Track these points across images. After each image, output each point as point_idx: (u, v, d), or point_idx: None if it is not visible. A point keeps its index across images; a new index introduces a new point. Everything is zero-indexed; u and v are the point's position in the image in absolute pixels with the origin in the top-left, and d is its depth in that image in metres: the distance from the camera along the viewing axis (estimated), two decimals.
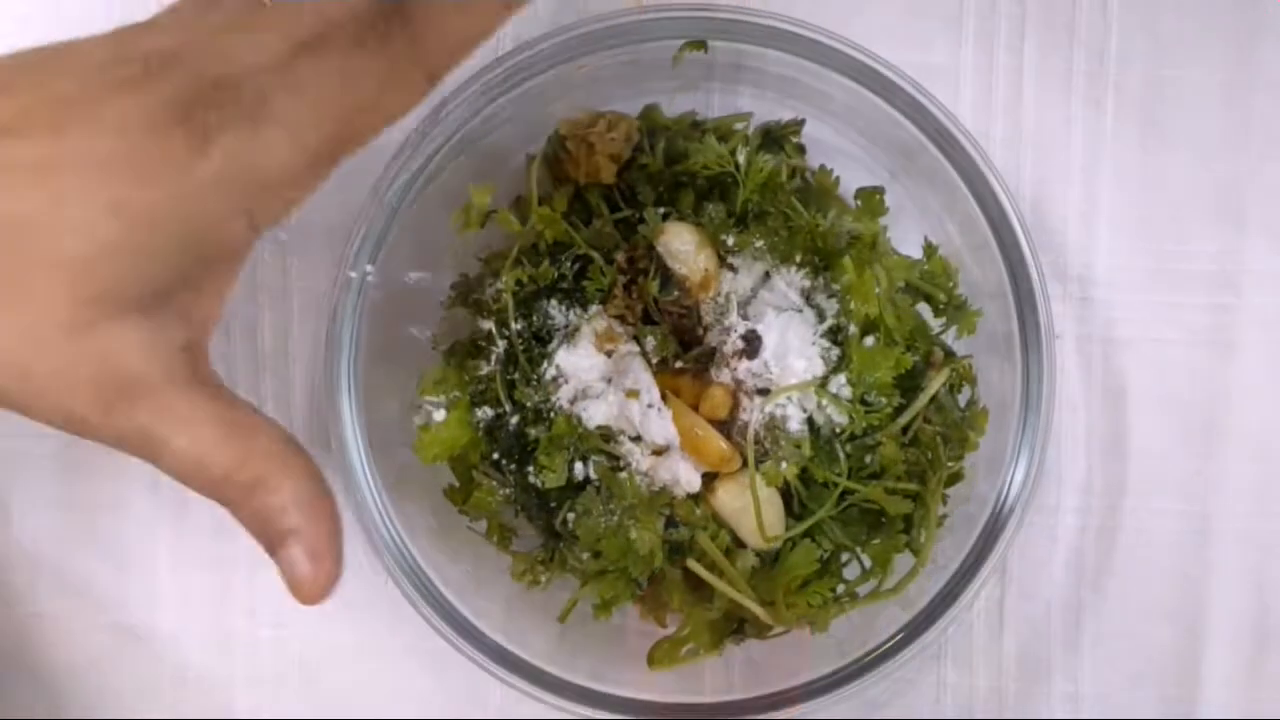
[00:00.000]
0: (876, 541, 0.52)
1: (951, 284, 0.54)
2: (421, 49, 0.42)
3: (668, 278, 0.52)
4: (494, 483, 0.54)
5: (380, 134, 0.43)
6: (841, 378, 0.50)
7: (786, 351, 0.50)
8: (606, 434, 0.51)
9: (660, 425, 0.50)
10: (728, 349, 0.51)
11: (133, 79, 0.39)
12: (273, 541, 0.42)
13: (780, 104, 0.56)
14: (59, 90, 0.39)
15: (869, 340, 0.51)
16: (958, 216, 0.53)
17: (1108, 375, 0.59)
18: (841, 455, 0.50)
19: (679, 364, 0.52)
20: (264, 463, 0.42)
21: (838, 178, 0.55)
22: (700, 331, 0.52)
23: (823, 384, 0.50)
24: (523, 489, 0.53)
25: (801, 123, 0.56)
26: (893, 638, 0.52)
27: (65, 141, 0.38)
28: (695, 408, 0.51)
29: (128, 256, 0.39)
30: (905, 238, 0.56)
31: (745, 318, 0.51)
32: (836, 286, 0.51)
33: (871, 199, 0.55)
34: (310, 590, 0.42)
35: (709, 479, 0.51)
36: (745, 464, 0.50)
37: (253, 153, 0.39)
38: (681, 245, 0.51)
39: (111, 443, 0.41)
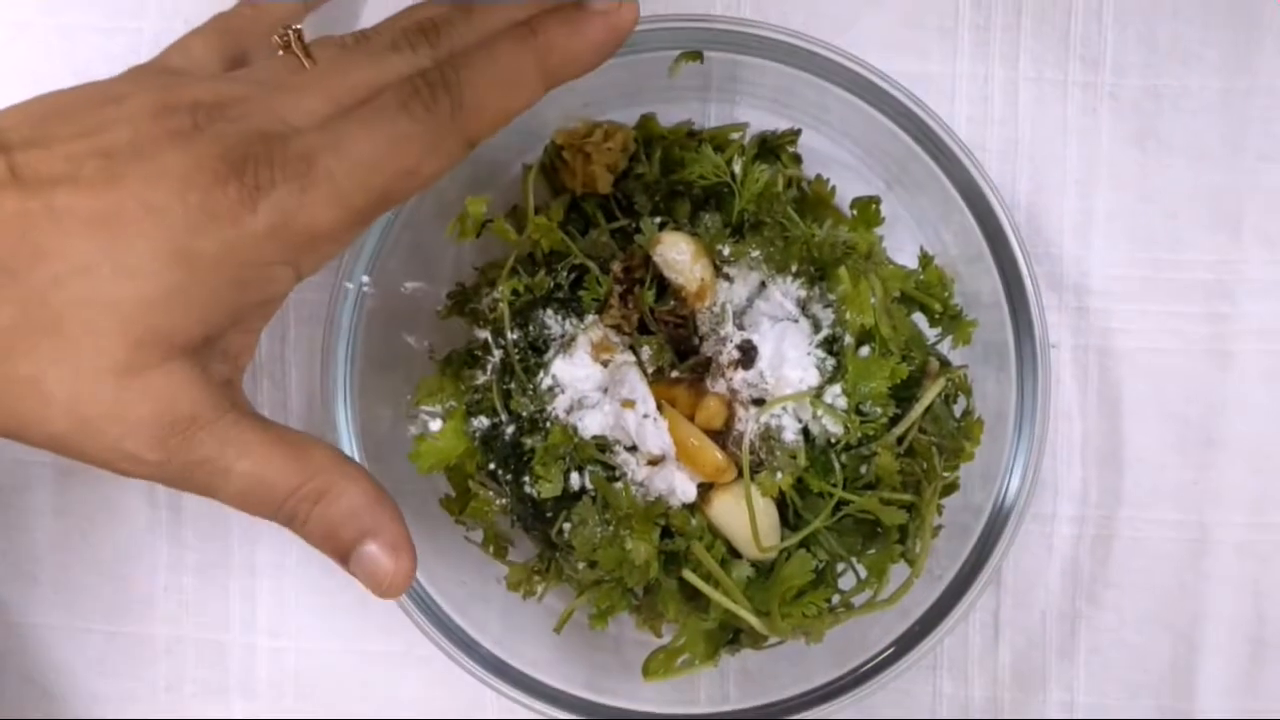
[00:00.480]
0: (872, 552, 0.52)
1: (947, 294, 0.54)
2: (463, 117, 0.43)
3: (664, 287, 0.52)
4: (490, 493, 0.54)
5: (416, 195, 0.45)
6: (837, 388, 0.50)
7: (782, 362, 0.50)
8: (602, 444, 0.51)
9: (656, 435, 0.50)
10: (723, 359, 0.51)
11: (183, 131, 0.41)
12: (345, 549, 0.44)
13: (776, 114, 0.56)
14: (110, 140, 0.40)
15: (864, 350, 0.51)
16: (953, 227, 0.53)
17: (1103, 385, 0.59)
18: (837, 465, 0.50)
19: (675, 374, 0.52)
20: (325, 475, 0.44)
21: (834, 187, 0.56)
22: (696, 341, 0.52)
23: (818, 394, 0.50)
24: (518, 499, 0.53)
25: (797, 133, 0.56)
26: (888, 648, 0.52)
27: (123, 191, 0.39)
28: (691, 418, 0.51)
29: (184, 303, 0.40)
30: (901, 248, 0.56)
31: (741, 328, 0.51)
32: (832, 297, 0.51)
33: (867, 209, 0.55)
34: (393, 583, 0.44)
35: (704, 489, 0.51)
36: (740, 474, 0.50)
37: (300, 210, 0.41)
38: (677, 255, 0.51)
39: (171, 480, 0.42)
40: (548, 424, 0.51)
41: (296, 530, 0.44)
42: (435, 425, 0.54)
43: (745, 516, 0.49)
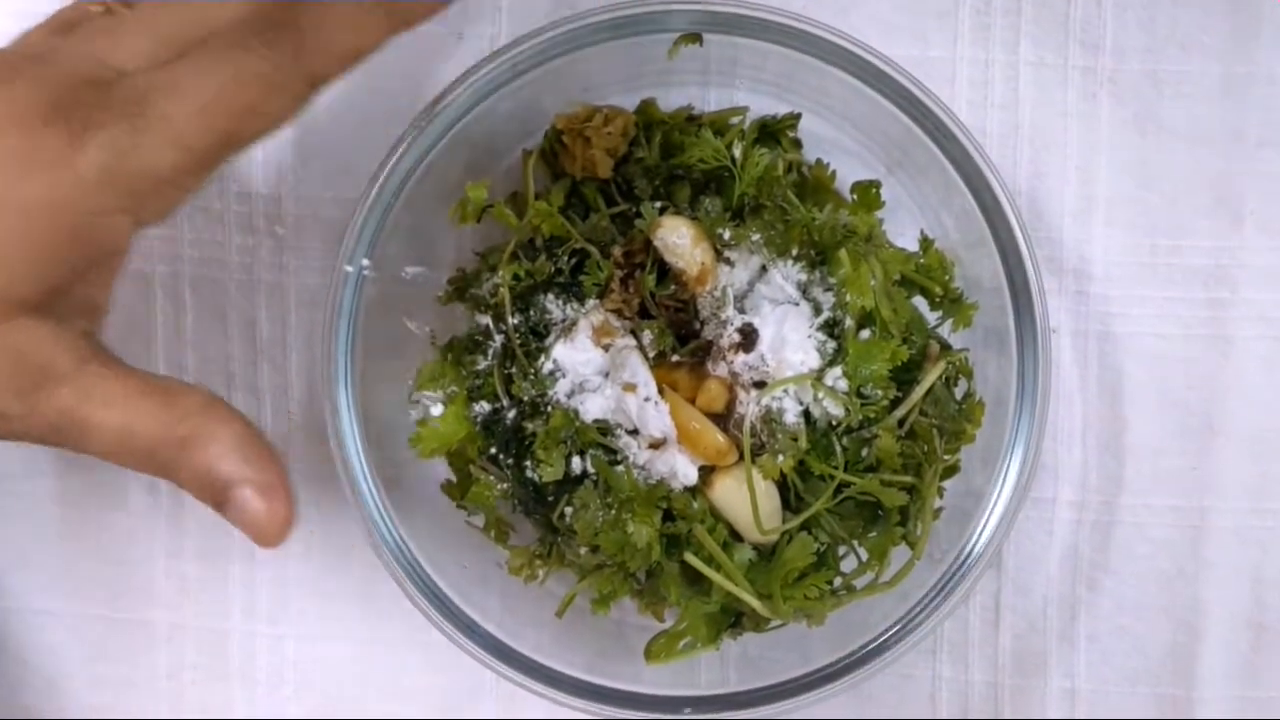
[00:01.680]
0: (873, 534, 0.52)
1: (948, 278, 0.54)
2: (306, 56, 0.42)
3: (664, 271, 0.52)
4: (491, 478, 0.54)
5: (263, 139, 0.43)
6: (838, 370, 0.50)
7: (783, 345, 0.50)
8: (604, 428, 0.51)
9: (657, 419, 0.50)
10: (724, 342, 0.51)
11: None
12: (219, 494, 0.43)
13: (777, 98, 0.56)
14: None
15: (865, 333, 0.51)
16: (954, 211, 0.53)
17: (1104, 370, 0.59)
18: (838, 448, 0.50)
19: (676, 358, 0.52)
20: (192, 420, 0.42)
21: (834, 171, 0.56)
22: (697, 325, 0.52)
23: (819, 377, 0.50)
24: (520, 483, 0.53)
25: (798, 117, 0.56)
26: (888, 631, 0.52)
27: None
28: (692, 401, 0.51)
29: (19, 258, 0.39)
30: (902, 232, 0.56)
31: (742, 311, 0.51)
32: (833, 280, 0.51)
33: (867, 193, 0.55)
34: (269, 528, 0.43)
35: (706, 472, 0.51)
36: (742, 457, 0.50)
37: (134, 151, 0.39)
38: (678, 239, 0.52)
39: (37, 437, 0.42)
40: (549, 408, 0.51)
41: (174, 481, 0.43)
42: (437, 410, 0.54)
43: (747, 499, 0.50)
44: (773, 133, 0.55)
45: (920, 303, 0.55)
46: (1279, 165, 0.58)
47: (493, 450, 0.53)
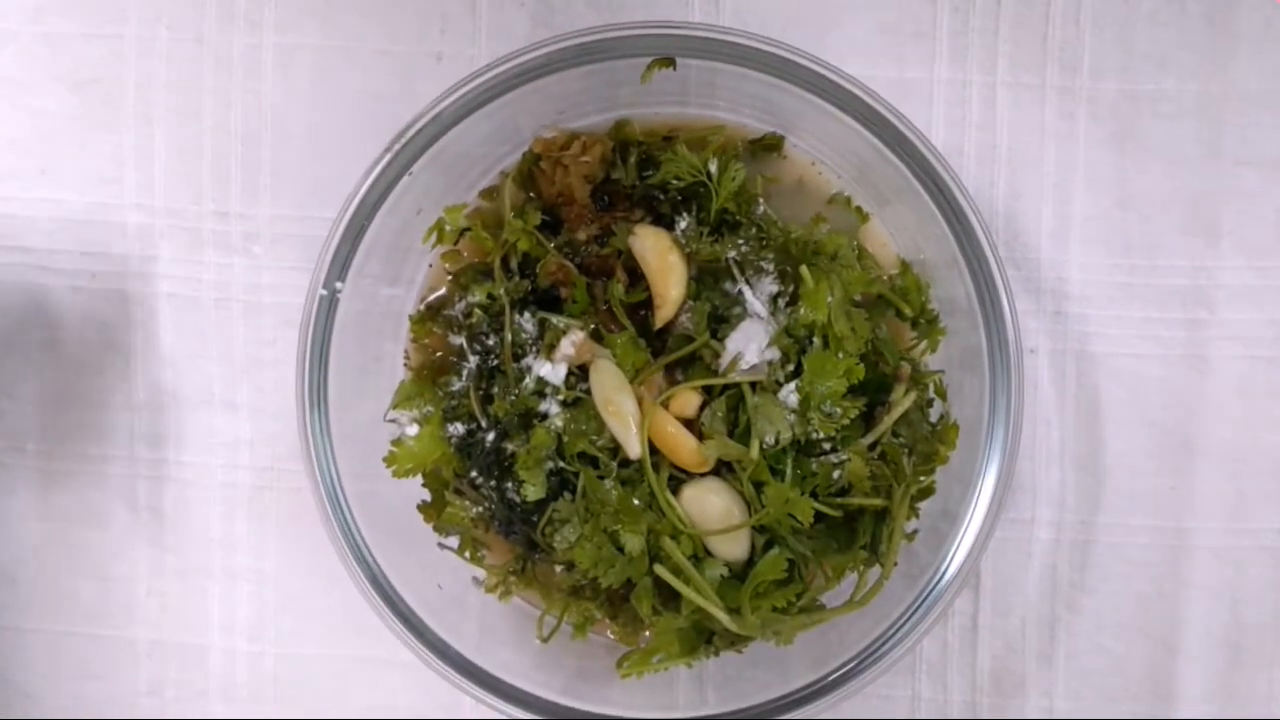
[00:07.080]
0: (835, 549, 0.52)
1: (923, 299, 0.54)
2: None
3: (639, 284, 0.52)
4: (466, 501, 0.54)
5: None
6: (792, 385, 0.50)
7: (749, 355, 0.50)
8: (586, 442, 0.51)
9: (634, 430, 0.50)
10: (695, 351, 0.51)
11: None
12: None
13: (756, 120, 0.56)
14: None
15: (822, 350, 0.51)
16: (928, 233, 0.53)
17: (1081, 390, 0.59)
18: (788, 465, 0.50)
19: (650, 367, 0.52)
20: None
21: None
22: (670, 334, 0.52)
23: (774, 391, 0.50)
24: (501, 504, 0.53)
25: (780, 138, 0.56)
26: (866, 650, 0.52)
27: None
28: (665, 406, 0.51)
29: None
30: (879, 252, 0.56)
31: (715, 322, 0.52)
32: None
33: (846, 206, 0.55)
34: None
35: (676, 484, 0.51)
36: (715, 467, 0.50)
37: None
38: (651, 251, 0.52)
39: None
40: (530, 427, 0.51)
41: None
42: (412, 430, 0.54)
43: (715, 509, 0.50)
44: (753, 152, 0.55)
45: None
46: (1256, 184, 0.58)
47: (473, 474, 0.53)
